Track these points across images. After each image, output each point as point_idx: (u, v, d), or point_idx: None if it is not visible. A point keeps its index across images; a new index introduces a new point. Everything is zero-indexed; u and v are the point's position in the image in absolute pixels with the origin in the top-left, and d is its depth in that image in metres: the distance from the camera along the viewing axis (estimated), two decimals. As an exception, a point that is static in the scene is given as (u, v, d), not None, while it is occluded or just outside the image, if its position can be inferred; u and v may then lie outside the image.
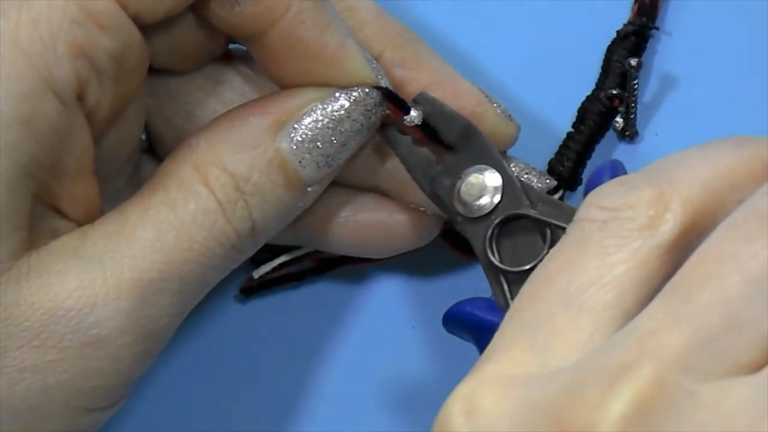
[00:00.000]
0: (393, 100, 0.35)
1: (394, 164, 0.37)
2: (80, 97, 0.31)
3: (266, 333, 0.41)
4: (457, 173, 0.35)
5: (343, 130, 0.34)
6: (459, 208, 0.35)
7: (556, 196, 0.40)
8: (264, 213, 0.33)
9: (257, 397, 0.41)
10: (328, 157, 0.34)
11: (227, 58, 0.37)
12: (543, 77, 0.43)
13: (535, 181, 0.38)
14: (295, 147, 0.33)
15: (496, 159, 0.35)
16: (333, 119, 0.34)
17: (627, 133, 0.42)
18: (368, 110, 0.34)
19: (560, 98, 0.42)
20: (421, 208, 0.37)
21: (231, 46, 0.37)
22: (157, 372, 0.40)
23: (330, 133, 0.34)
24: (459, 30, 0.44)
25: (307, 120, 0.33)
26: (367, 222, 0.37)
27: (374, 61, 0.35)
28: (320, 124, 0.33)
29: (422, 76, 0.36)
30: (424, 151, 0.36)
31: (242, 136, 0.33)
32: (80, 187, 0.33)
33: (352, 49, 0.34)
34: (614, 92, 0.41)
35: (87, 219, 0.33)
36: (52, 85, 0.30)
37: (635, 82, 0.41)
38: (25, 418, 0.31)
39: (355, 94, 0.34)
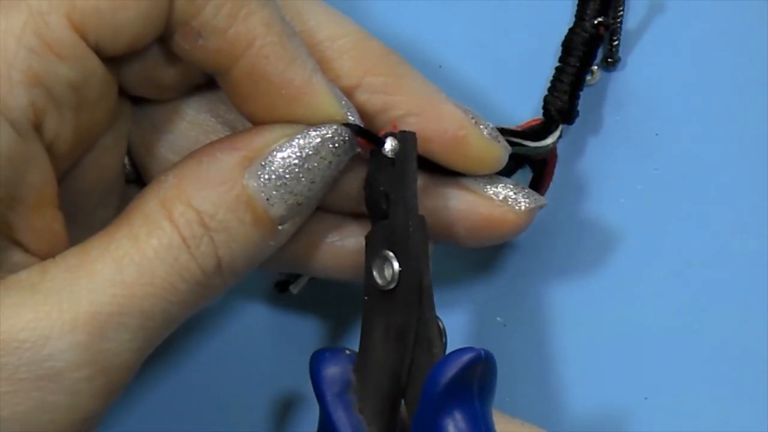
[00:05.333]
0: (364, 135, 0.34)
1: None
2: (38, 127, 0.31)
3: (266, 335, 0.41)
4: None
5: (310, 167, 0.33)
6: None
7: (556, 133, 0.39)
8: (231, 250, 0.33)
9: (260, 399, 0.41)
10: (296, 195, 0.33)
11: (212, 85, 0.36)
12: (518, 17, 0.43)
13: (524, 201, 0.37)
14: (263, 184, 0.33)
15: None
16: (300, 157, 0.33)
17: (609, 59, 0.41)
18: (337, 148, 0.33)
19: (538, 35, 0.42)
20: None
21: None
22: (164, 384, 0.41)
23: (297, 170, 0.33)
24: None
25: (275, 157, 0.33)
26: (353, 248, 0.36)
27: (344, 97, 0.34)
28: (288, 161, 0.33)
29: (404, 101, 0.35)
30: None
31: (209, 172, 0.32)
32: (41, 220, 0.32)
33: (318, 84, 0.33)
34: (600, 20, 0.40)
35: (51, 253, 0.32)
36: (5, 113, 0.29)
37: (620, 7, 0.41)
38: None
39: (323, 131, 0.33)
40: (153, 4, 0.31)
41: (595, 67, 0.41)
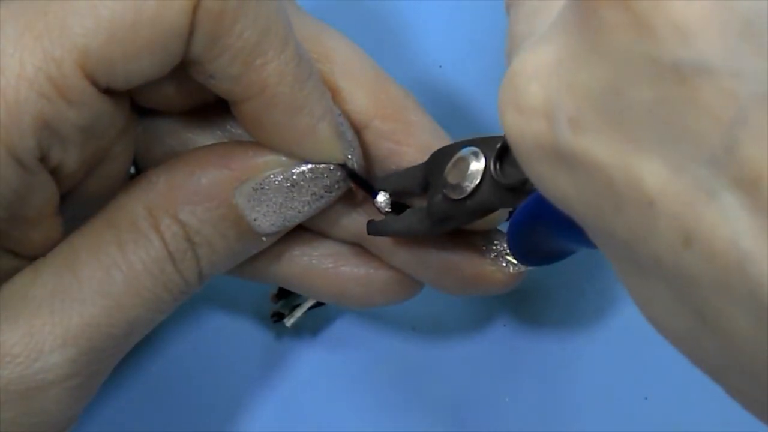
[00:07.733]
0: (358, 182, 0.35)
1: None
2: (43, 159, 0.31)
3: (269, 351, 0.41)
4: (440, 185, 0.34)
5: (301, 199, 0.34)
6: (455, 195, 0.33)
7: None
8: (212, 262, 0.34)
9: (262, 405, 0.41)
10: (283, 219, 0.34)
11: (221, 102, 0.36)
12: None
13: (513, 262, 0.36)
14: (251, 206, 0.33)
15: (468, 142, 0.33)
16: (292, 188, 0.34)
17: None
18: (328, 186, 0.34)
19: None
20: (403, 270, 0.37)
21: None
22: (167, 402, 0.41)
23: (287, 200, 0.34)
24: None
25: (267, 184, 0.34)
26: (346, 275, 0.37)
27: (352, 135, 0.35)
28: (279, 190, 0.34)
29: (408, 153, 0.35)
30: (409, 213, 0.35)
31: (200, 186, 0.33)
32: (40, 231, 0.32)
33: (322, 131, 0.33)
34: None
35: (45, 254, 0.33)
36: (13, 153, 0.30)
37: None
38: None
39: (317, 169, 0.34)
40: (167, 52, 0.30)
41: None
